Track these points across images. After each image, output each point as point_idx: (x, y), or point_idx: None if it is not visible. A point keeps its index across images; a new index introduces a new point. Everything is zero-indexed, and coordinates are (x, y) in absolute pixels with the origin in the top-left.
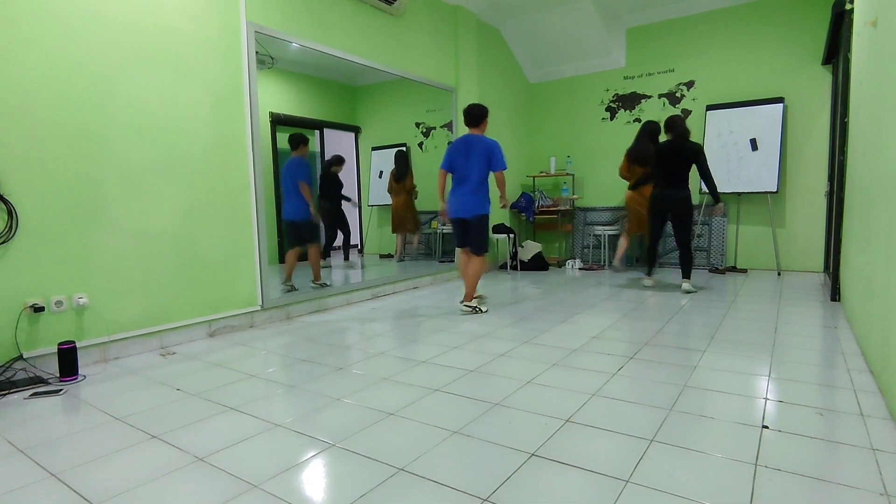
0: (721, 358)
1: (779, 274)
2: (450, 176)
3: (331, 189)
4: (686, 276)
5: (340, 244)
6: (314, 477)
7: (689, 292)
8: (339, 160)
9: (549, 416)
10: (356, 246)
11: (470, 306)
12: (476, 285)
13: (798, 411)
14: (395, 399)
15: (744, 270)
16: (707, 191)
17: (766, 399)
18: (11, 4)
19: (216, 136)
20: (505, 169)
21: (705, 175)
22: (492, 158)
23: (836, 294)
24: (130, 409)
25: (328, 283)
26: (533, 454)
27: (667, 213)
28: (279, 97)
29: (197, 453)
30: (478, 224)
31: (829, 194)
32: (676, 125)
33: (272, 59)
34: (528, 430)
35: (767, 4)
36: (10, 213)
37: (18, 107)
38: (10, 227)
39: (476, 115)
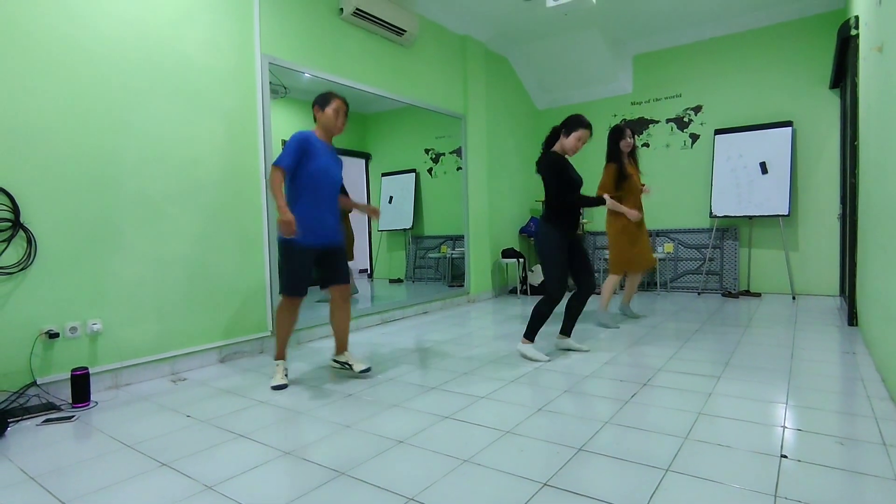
0: (737, 384)
1: (793, 298)
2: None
3: None
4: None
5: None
6: None
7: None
8: None
9: (561, 445)
10: (366, 270)
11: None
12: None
13: (818, 440)
14: (405, 426)
15: (757, 294)
16: (717, 214)
17: (784, 427)
18: (37, 41)
19: (230, 164)
20: (277, 164)
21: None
22: None
23: (853, 318)
24: (141, 436)
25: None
26: (545, 484)
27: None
28: (292, 125)
29: (206, 481)
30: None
31: (842, 217)
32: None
33: (285, 88)
34: (540, 458)
35: (773, 30)
36: (30, 240)
37: (40, 138)
38: (29, 254)
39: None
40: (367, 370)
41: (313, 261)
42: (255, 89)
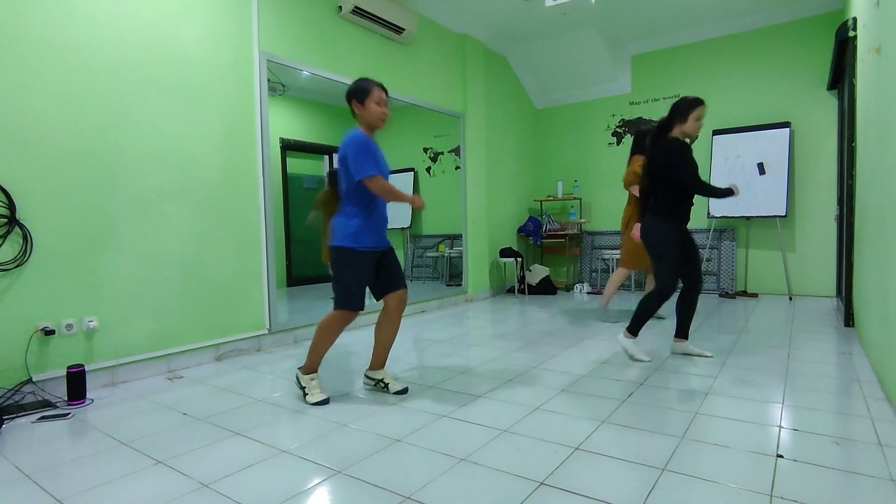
0: (733, 384)
1: (790, 299)
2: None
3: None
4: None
5: None
6: None
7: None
8: None
9: (558, 444)
10: None
11: (299, 384)
12: (315, 351)
13: (814, 440)
14: (402, 425)
15: (754, 295)
16: (715, 214)
17: (781, 427)
18: (33, 37)
19: (228, 161)
20: (365, 177)
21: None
22: (347, 163)
23: (849, 319)
24: (137, 433)
25: None
26: (542, 483)
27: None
28: (289, 123)
29: (202, 479)
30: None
31: (839, 218)
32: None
33: (283, 86)
34: (537, 457)
35: (771, 31)
36: (26, 237)
37: (36, 134)
38: (25, 251)
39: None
40: (404, 391)
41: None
42: (253, 86)
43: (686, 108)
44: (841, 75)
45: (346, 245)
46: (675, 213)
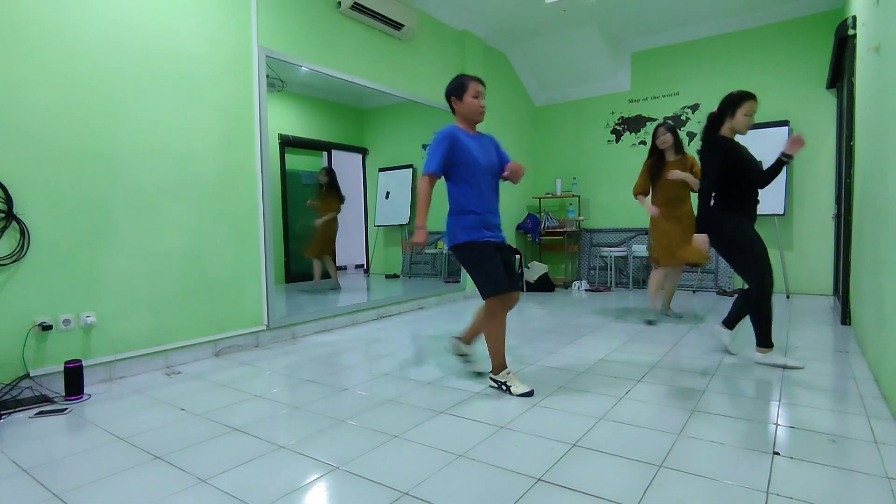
0: (730, 382)
1: (787, 297)
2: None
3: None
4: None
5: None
6: (317, 500)
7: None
8: None
9: (555, 440)
10: (362, 266)
11: (498, 384)
12: (495, 350)
13: (810, 437)
14: (400, 421)
15: None
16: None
17: (777, 425)
18: (31, 31)
19: (226, 157)
20: (426, 172)
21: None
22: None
23: (846, 318)
24: (134, 429)
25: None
26: (539, 479)
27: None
28: (288, 119)
29: (200, 475)
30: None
31: (837, 217)
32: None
33: (282, 82)
34: (535, 454)
35: (770, 30)
36: (23, 232)
37: (34, 129)
38: (23, 245)
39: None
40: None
41: (498, 256)
42: (252, 82)
43: (734, 102)
44: (840, 74)
45: (467, 240)
46: (746, 208)
